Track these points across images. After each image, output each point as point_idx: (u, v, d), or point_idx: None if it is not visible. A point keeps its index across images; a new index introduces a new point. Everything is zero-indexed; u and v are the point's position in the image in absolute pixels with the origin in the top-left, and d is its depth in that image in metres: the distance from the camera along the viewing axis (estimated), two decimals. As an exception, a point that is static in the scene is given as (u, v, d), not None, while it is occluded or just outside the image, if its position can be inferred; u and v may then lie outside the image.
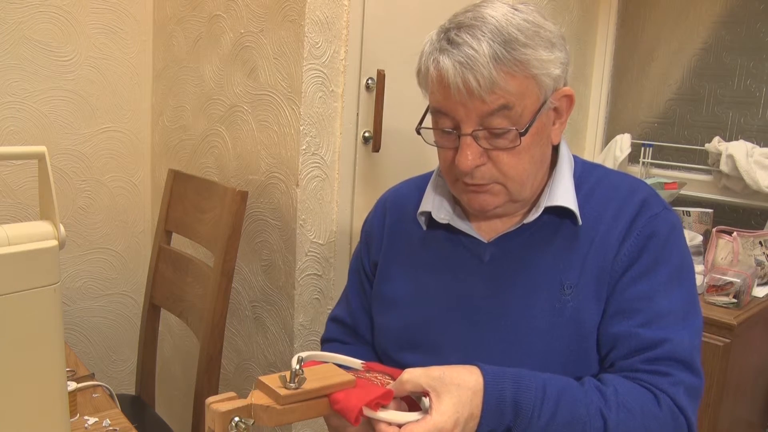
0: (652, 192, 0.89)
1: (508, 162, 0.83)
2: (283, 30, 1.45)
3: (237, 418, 0.69)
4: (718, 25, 2.10)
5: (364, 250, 1.05)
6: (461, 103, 0.80)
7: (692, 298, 0.86)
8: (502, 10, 0.81)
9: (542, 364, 0.84)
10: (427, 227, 0.96)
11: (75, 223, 1.85)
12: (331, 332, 1.09)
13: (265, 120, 1.53)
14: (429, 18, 1.72)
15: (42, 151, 0.74)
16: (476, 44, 0.78)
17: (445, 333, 0.90)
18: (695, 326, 0.84)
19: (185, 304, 1.47)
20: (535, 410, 0.75)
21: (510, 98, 0.79)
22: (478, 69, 0.77)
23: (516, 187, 0.86)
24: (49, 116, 1.75)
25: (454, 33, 0.80)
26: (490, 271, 0.90)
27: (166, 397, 2.00)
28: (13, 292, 0.69)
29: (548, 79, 0.81)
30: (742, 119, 2.07)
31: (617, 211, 0.87)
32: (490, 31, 0.78)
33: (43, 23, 1.70)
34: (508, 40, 0.78)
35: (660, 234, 0.85)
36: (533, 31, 0.80)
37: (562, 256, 0.87)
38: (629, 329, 0.82)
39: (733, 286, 1.63)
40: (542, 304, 0.86)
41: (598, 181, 0.91)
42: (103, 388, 1.11)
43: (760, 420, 1.92)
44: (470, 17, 0.81)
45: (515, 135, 0.81)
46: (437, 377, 0.74)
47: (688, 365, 0.81)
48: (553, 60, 0.81)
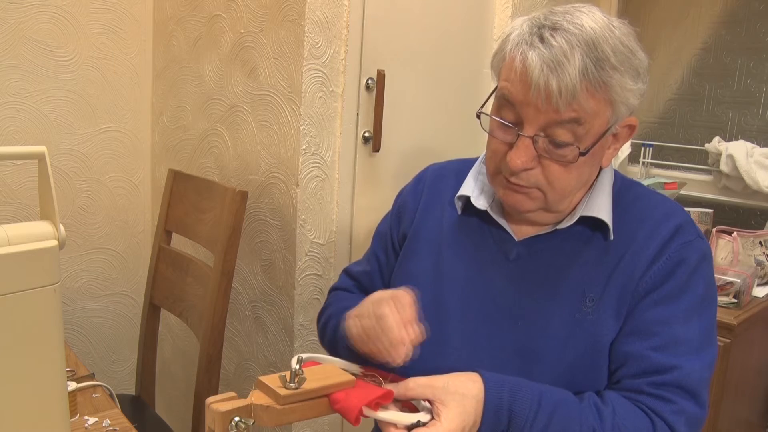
0: (688, 219, 0.88)
1: (557, 173, 0.82)
2: (283, 30, 1.45)
3: (237, 418, 0.69)
4: (718, 25, 2.10)
5: (395, 220, 1.05)
6: (534, 104, 0.78)
7: (710, 331, 0.85)
8: (601, 22, 0.78)
9: (552, 371, 0.84)
10: (461, 212, 0.96)
11: (75, 223, 1.85)
12: (342, 282, 1.11)
13: (265, 120, 1.53)
14: (429, 18, 1.72)
15: (42, 151, 0.74)
16: (569, 51, 0.75)
17: (459, 322, 0.90)
18: (708, 358, 0.83)
19: (185, 304, 1.47)
20: (527, 421, 0.76)
21: (583, 114, 0.78)
22: (563, 77, 0.75)
23: (555, 198, 0.85)
24: (49, 116, 1.75)
25: (548, 32, 0.77)
26: (514, 270, 0.89)
27: (166, 397, 2.00)
28: (13, 292, 0.69)
29: (624, 107, 0.81)
30: (742, 119, 2.07)
31: (650, 232, 0.86)
32: (585, 42, 0.76)
33: (43, 23, 1.70)
34: (601, 59, 0.76)
35: (689, 262, 0.84)
36: (626, 56, 0.78)
37: (589, 268, 0.86)
38: (641, 350, 0.81)
39: (733, 286, 1.63)
40: (562, 312, 0.85)
41: (635, 199, 0.90)
42: (103, 388, 1.11)
43: (760, 420, 1.92)
44: (569, 21, 0.78)
45: (574, 152, 0.80)
46: (441, 387, 0.75)
47: (694, 395, 0.80)
48: (634, 90, 0.80)
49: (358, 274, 1.09)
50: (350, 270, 1.11)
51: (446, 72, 1.79)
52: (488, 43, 1.90)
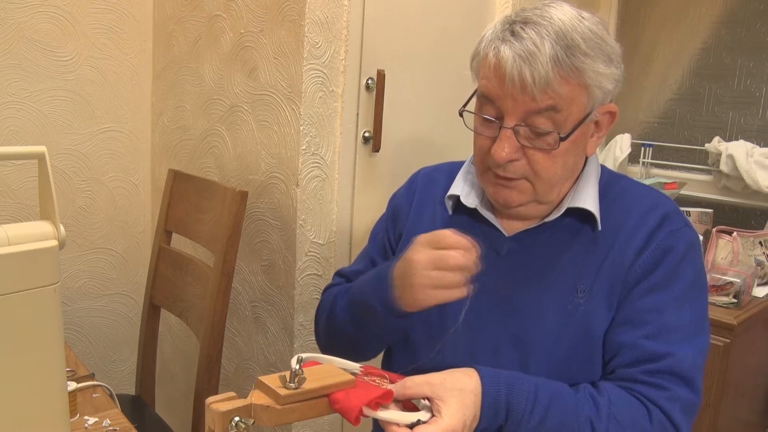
0: (674, 208, 0.90)
1: (542, 162, 0.84)
2: (283, 30, 1.45)
3: (237, 418, 0.69)
4: (718, 25, 2.10)
5: (390, 222, 1.07)
6: (511, 96, 0.81)
7: (702, 317, 0.86)
8: (569, 14, 0.82)
9: (546, 363, 0.85)
10: (452, 212, 0.98)
11: (75, 223, 1.85)
12: (335, 282, 1.13)
13: (265, 120, 1.53)
14: (429, 18, 1.72)
15: (42, 151, 0.74)
16: (539, 42, 0.79)
17: (454, 319, 0.90)
18: (701, 344, 0.84)
19: (185, 304, 1.47)
20: (525, 413, 0.77)
21: (559, 101, 0.81)
22: (536, 66, 0.78)
23: (544, 188, 0.87)
24: (49, 116, 1.75)
25: (519, 26, 0.81)
26: (506, 265, 0.91)
27: (166, 397, 2.00)
28: (13, 292, 0.69)
29: (599, 91, 0.83)
30: (742, 119, 2.07)
31: (638, 222, 0.87)
32: (554, 32, 0.80)
33: (43, 23, 1.70)
34: (571, 46, 0.79)
35: (677, 250, 0.85)
36: (595, 42, 0.81)
37: (579, 260, 0.87)
38: (634, 339, 0.83)
39: (733, 286, 1.63)
40: (554, 304, 0.86)
41: (622, 191, 0.92)
42: (103, 388, 1.11)
43: (760, 420, 1.92)
44: (538, 15, 0.82)
45: (555, 138, 0.83)
46: (439, 384, 0.75)
47: (687, 381, 0.81)
48: (608, 75, 0.83)
49: (350, 273, 1.10)
50: (343, 270, 1.13)
51: (446, 72, 1.79)
52: (488, 43, 1.90)
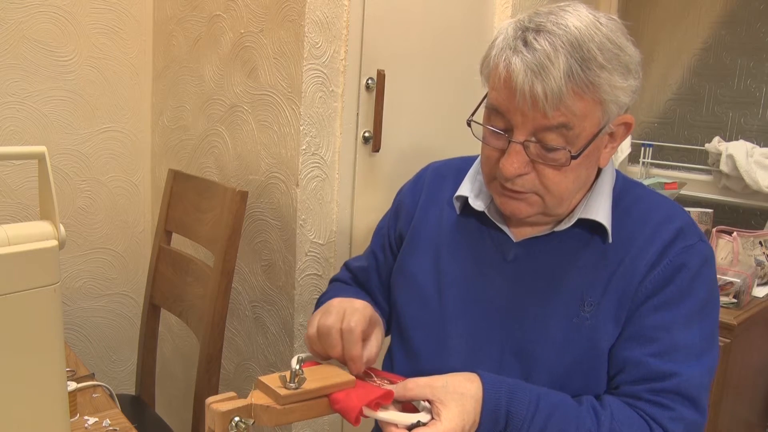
0: (690, 221, 0.86)
1: (552, 177, 0.80)
2: (283, 30, 1.45)
3: (237, 418, 0.69)
4: (718, 25, 2.10)
5: (393, 218, 1.06)
6: (521, 110, 0.77)
7: (711, 336, 0.83)
8: (586, 20, 0.76)
9: (549, 375, 0.84)
10: (460, 212, 0.95)
11: (75, 223, 1.85)
12: (341, 274, 1.13)
13: (265, 120, 1.53)
14: (429, 18, 1.72)
15: (42, 151, 0.74)
16: (553, 54, 0.73)
17: (457, 322, 0.90)
18: (708, 363, 0.82)
19: (185, 304, 1.47)
20: (525, 422, 0.76)
21: (572, 118, 0.76)
22: (548, 81, 0.73)
23: (553, 202, 0.83)
24: (49, 116, 1.75)
25: (532, 36, 0.76)
26: (512, 271, 0.89)
27: (166, 397, 2.00)
28: (13, 292, 0.69)
29: (615, 106, 0.78)
30: (742, 119, 2.07)
31: (651, 235, 0.84)
32: (569, 43, 0.74)
33: (43, 23, 1.70)
34: (586, 59, 0.74)
35: (690, 267, 0.82)
36: (613, 53, 0.76)
37: (588, 272, 0.84)
38: (641, 357, 0.81)
39: (733, 286, 1.63)
40: (560, 315, 0.84)
41: (636, 201, 0.88)
42: (103, 388, 1.11)
43: (760, 420, 1.92)
44: (553, 21, 0.76)
45: (566, 155, 0.78)
46: (441, 387, 0.75)
47: (693, 402, 0.80)
48: (625, 88, 0.77)
49: (355, 269, 1.09)
50: (349, 264, 1.12)
51: (446, 72, 1.79)
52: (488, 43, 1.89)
